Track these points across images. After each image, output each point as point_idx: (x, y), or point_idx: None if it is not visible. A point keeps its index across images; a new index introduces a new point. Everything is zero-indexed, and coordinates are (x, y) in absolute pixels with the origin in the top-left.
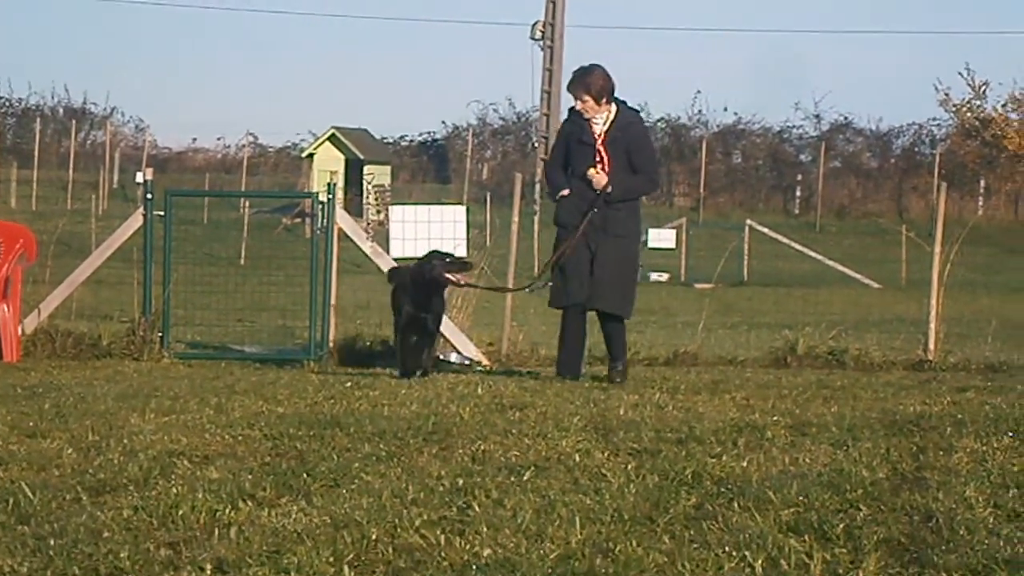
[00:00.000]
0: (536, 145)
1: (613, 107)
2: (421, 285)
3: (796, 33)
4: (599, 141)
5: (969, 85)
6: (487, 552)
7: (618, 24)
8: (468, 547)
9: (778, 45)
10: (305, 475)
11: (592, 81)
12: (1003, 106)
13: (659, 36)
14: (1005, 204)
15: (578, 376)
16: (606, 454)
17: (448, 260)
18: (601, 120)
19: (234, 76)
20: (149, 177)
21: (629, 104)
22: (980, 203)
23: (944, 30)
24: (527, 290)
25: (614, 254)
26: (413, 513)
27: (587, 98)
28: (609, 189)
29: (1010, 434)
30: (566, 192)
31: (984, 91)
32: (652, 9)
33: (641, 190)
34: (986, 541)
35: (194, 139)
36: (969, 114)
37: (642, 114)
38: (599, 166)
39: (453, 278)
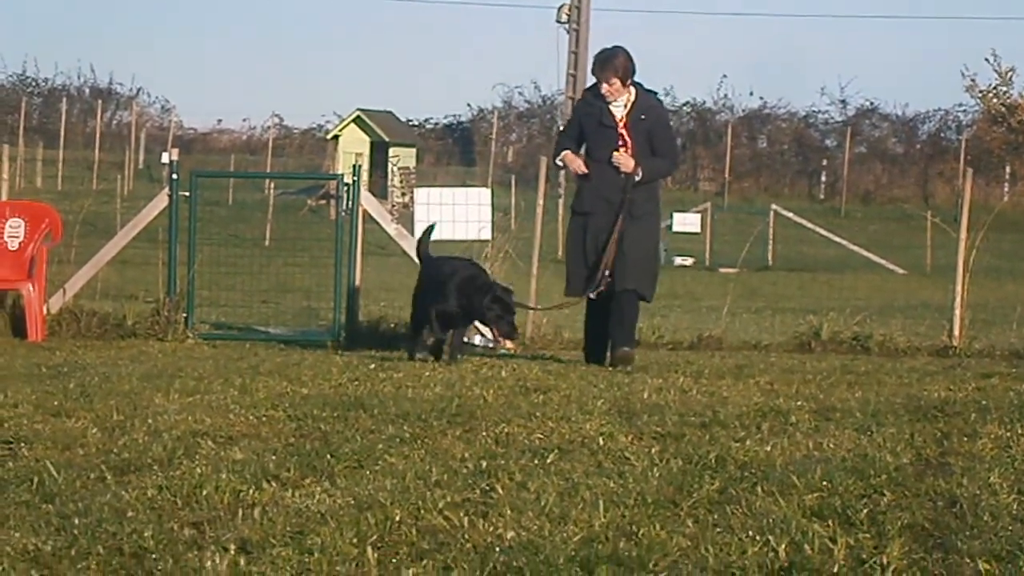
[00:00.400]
0: (561, 128)
1: (632, 89)
2: (469, 294)
3: (821, 18)
4: (621, 124)
5: (996, 71)
6: (510, 534)
7: (643, 7)
8: (491, 529)
9: (804, 29)
10: (329, 456)
11: (620, 64)
12: None
13: (685, 19)
14: None
15: (602, 360)
16: (630, 438)
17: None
18: (621, 103)
19: (260, 58)
20: (175, 158)
21: (645, 86)
22: (1006, 189)
23: (971, 15)
24: (591, 295)
25: (637, 236)
26: (436, 495)
27: (615, 81)
28: (638, 173)
29: None
30: (581, 165)
31: (1011, 77)
32: None
33: (665, 172)
34: (1010, 527)
35: (219, 120)
36: (995, 100)
37: (664, 97)
38: (622, 149)
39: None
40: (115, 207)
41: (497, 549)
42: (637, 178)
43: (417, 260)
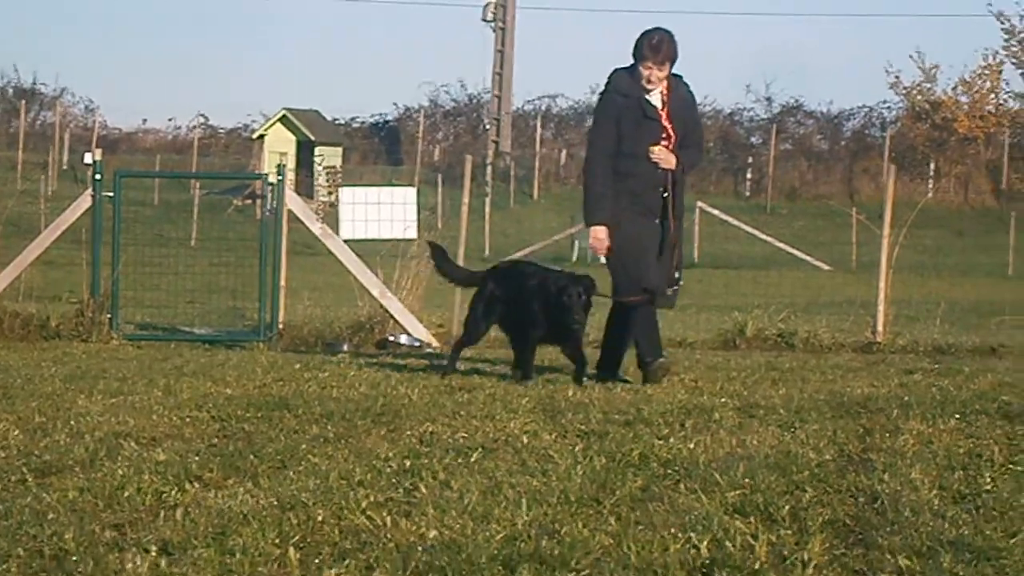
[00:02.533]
0: (488, 127)
1: None
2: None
3: (747, 16)
4: (664, 115)
5: (920, 68)
6: (433, 534)
7: (570, 6)
8: (414, 528)
9: (730, 27)
10: (252, 457)
11: (674, 49)
12: (953, 89)
13: (611, 17)
14: (955, 187)
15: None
16: (554, 436)
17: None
18: (657, 91)
19: (185, 57)
20: (98, 158)
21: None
22: (930, 186)
23: (895, 13)
24: (671, 292)
25: (676, 237)
26: (360, 494)
27: (666, 67)
28: (680, 168)
29: (956, 416)
30: (601, 245)
31: (934, 74)
32: None
33: (697, 163)
34: (931, 523)
35: (144, 120)
36: (919, 97)
37: (591, 96)
38: (664, 143)
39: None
40: (39, 208)
41: (419, 548)
42: (681, 170)
43: (447, 279)
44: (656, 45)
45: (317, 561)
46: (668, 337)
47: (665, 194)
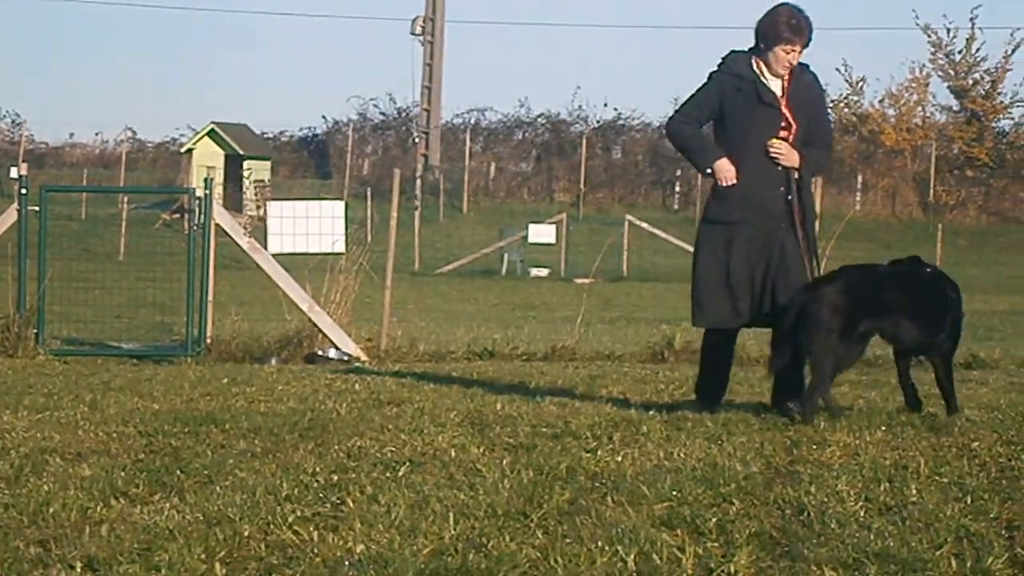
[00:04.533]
0: (417, 140)
1: None
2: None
3: (676, 29)
4: (784, 103)
5: (847, 81)
6: (360, 548)
7: (498, 19)
8: (341, 543)
9: (660, 40)
10: (179, 472)
11: (812, 29)
12: (880, 102)
13: (540, 31)
14: (882, 199)
15: (715, 406)
16: (482, 449)
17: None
18: (778, 78)
19: (113, 71)
20: (24, 172)
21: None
22: (858, 198)
23: (822, 26)
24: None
25: (799, 249)
26: (287, 509)
27: (797, 48)
28: (803, 167)
29: (883, 428)
30: (730, 174)
31: (861, 87)
32: (533, 4)
33: (825, 165)
34: (857, 534)
35: (71, 134)
36: (847, 110)
37: (519, 109)
38: (783, 135)
39: None
40: None
41: (346, 563)
42: (804, 169)
43: None
44: (797, 26)
45: None
46: (596, 350)
47: (789, 196)
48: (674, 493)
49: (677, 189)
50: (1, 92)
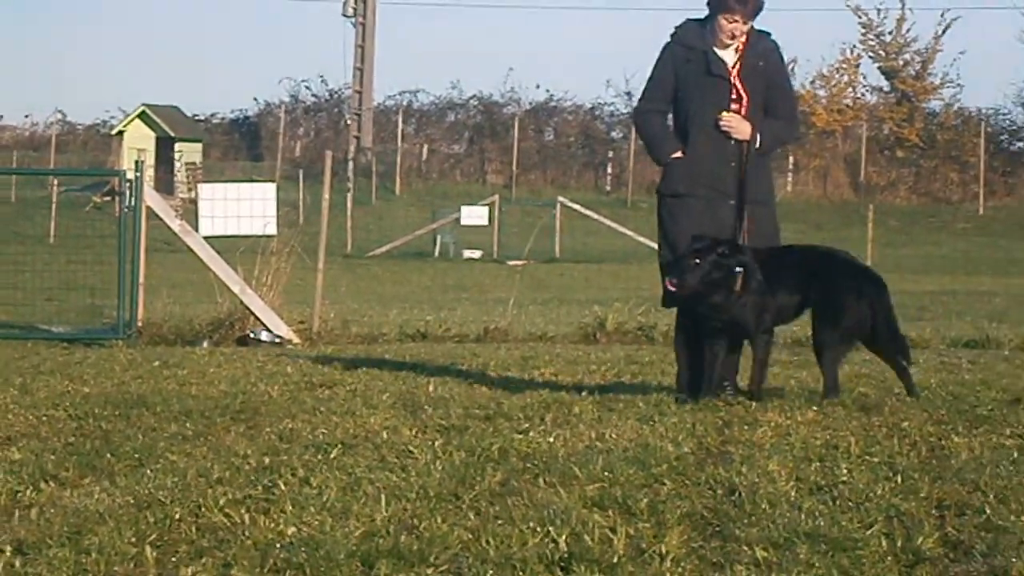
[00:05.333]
0: (348, 122)
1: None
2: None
3: (608, 11)
4: (734, 73)
5: None
6: (292, 530)
7: (430, 0)
8: (273, 526)
9: (591, 21)
10: (109, 455)
11: None
12: (811, 83)
13: (471, 13)
14: (814, 180)
15: (708, 395)
16: (414, 431)
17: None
18: (731, 47)
19: (42, 52)
20: None
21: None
22: (789, 179)
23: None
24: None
25: (764, 227)
26: (218, 492)
27: (739, 19)
28: (757, 139)
29: (813, 408)
30: (679, 155)
31: (792, 68)
32: None
33: (788, 139)
34: (788, 514)
35: (0, 116)
36: None
37: (451, 91)
38: (735, 107)
39: None
40: None
41: (278, 546)
42: (755, 147)
43: None
44: None
45: (174, 559)
46: (528, 331)
47: (736, 172)
48: (606, 474)
49: (610, 170)
50: None
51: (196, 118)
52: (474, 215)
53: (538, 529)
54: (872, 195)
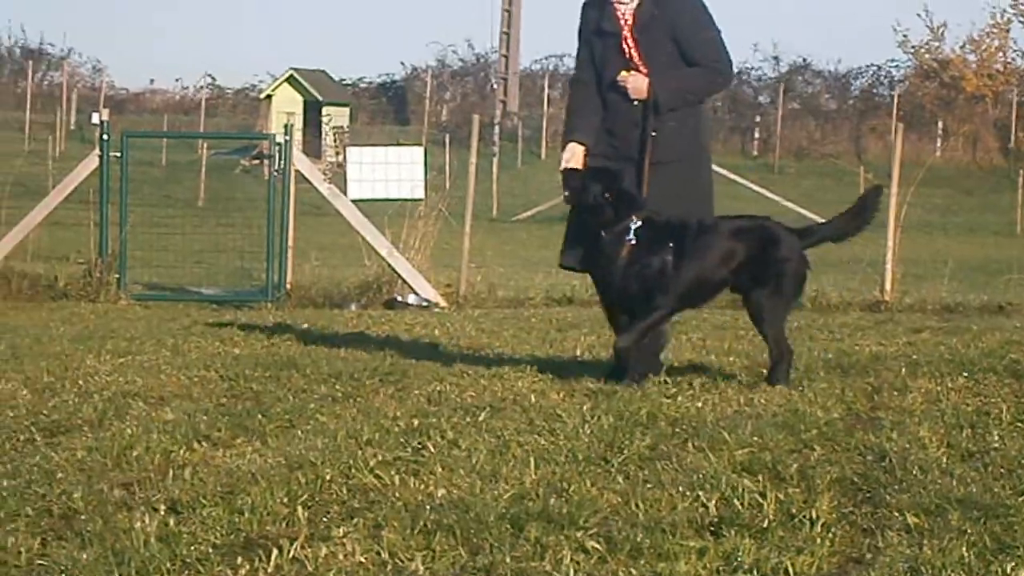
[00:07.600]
0: (495, 86)
1: None
2: None
3: None
4: (625, 28)
5: (927, 27)
6: (441, 492)
7: None
8: (422, 487)
9: None
10: (260, 416)
11: None
12: (961, 47)
13: None
14: (963, 146)
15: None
16: (561, 395)
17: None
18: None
19: (192, 17)
20: (105, 118)
21: None
22: (938, 145)
23: None
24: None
25: (669, 189)
26: (368, 454)
27: None
28: (654, 96)
29: (964, 374)
30: (569, 159)
31: (942, 33)
32: None
33: (702, 88)
34: (939, 481)
35: (152, 80)
36: (927, 56)
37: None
38: (634, 66)
39: None
40: (47, 168)
41: (428, 507)
42: (656, 99)
43: None
44: None
45: (325, 520)
46: None
47: (639, 133)
48: (755, 439)
49: (756, 135)
50: (82, 38)
51: (344, 82)
52: None
53: (687, 493)
54: (1022, 160)
